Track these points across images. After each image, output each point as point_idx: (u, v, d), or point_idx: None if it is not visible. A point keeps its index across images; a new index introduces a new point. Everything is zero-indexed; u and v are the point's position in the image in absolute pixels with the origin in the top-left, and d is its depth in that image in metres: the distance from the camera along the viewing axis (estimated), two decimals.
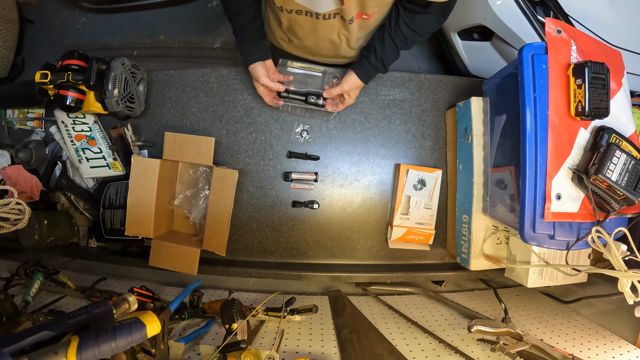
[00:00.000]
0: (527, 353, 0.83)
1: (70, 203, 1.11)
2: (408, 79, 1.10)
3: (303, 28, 0.88)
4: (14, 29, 1.82)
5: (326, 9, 0.77)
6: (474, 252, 0.99)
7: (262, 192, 1.10)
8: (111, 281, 1.24)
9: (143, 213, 0.98)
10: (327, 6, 0.76)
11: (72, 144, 1.04)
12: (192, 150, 1.00)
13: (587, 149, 0.77)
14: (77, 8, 2.00)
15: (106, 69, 0.94)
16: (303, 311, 1.00)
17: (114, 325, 0.57)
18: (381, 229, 1.12)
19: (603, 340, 0.92)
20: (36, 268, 1.14)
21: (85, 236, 1.12)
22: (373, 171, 1.11)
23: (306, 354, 0.87)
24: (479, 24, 1.30)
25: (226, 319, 0.85)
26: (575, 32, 0.79)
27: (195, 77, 1.09)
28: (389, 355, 0.85)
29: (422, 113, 1.11)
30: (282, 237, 1.11)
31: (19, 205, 0.85)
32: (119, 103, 0.96)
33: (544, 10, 1.18)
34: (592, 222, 0.79)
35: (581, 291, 1.09)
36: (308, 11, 0.79)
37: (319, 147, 1.10)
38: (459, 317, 1.05)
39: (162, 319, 0.66)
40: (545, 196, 0.75)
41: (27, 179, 1.04)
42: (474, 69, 1.51)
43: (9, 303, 0.94)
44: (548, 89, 0.75)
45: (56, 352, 0.50)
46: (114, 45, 1.99)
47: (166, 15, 1.98)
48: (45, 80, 0.88)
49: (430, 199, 1.07)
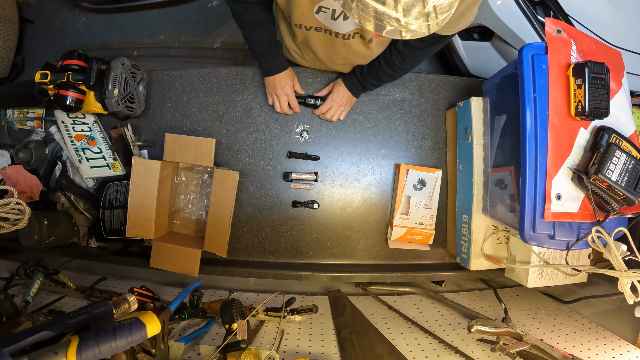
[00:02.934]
0: (527, 353, 0.83)
1: (70, 203, 1.11)
2: (408, 79, 1.10)
3: (319, 44, 0.87)
4: (14, 29, 1.82)
5: (347, 29, 0.77)
6: (474, 252, 0.99)
7: (262, 192, 1.10)
8: (111, 281, 1.24)
9: (144, 214, 0.98)
10: (348, 27, 0.76)
11: (72, 144, 1.04)
12: (193, 151, 0.99)
13: (587, 149, 0.77)
14: (77, 8, 2.00)
15: (106, 69, 0.94)
16: (303, 311, 1.00)
17: (114, 325, 0.57)
18: (381, 229, 1.12)
19: (603, 340, 0.91)
20: (36, 268, 1.14)
21: (85, 236, 1.12)
22: (373, 171, 1.11)
23: (306, 354, 0.87)
24: (479, 24, 1.30)
25: (226, 319, 0.85)
26: (575, 32, 0.79)
27: (195, 77, 1.09)
28: (389, 355, 0.85)
29: (422, 113, 1.11)
30: (282, 237, 1.11)
31: (19, 205, 0.85)
32: (119, 103, 0.96)
33: (544, 10, 1.18)
34: (592, 222, 0.79)
35: (581, 291, 1.09)
36: (327, 29, 0.79)
37: (319, 147, 1.10)
38: (459, 317, 1.05)
39: (162, 319, 0.66)
40: (545, 196, 0.75)
41: (27, 179, 1.04)
42: (474, 69, 1.51)
43: (9, 303, 0.94)
44: (548, 89, 0.75)
45: (56, 352, 0.50)
46: (114, 45, 1.99)
47: (166, 15, 1.98)
48: (45, 80, 0.88)
49: (430, 199, 1.07)
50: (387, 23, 0.46)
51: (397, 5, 0.44)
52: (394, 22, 0.46)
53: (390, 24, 0.46)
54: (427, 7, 0.45)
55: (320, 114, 1.05)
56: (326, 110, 1.03)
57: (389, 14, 0.45)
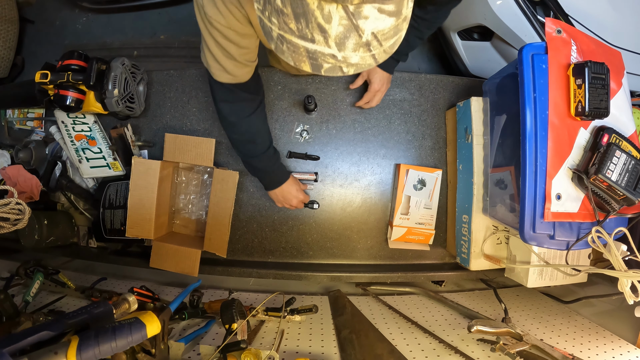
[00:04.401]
0: (527, 353, 0.83)
1: (70, 203, 1.11)
2: (408, 79, 1.10)
3: None
4: (14, 29, 1.81)
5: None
6: (474, 252, 0.99)
7: (262, 192, 1.10)
8: (111, 281, 1.24)
9: (144, 214, 0.98)
10: None
11: (72, 144, 1.04)
12: (193, 151, 0.99)
13: (587, 149, 0.77)
14: (77, 8, 1.99)
15: (106, 69, 0.94)
16: (303, 311, 1.00)
17: (114, 325, 0.57)
18: (381, 229, 1.12)
19: (603, 340, 0.91)
20: (36, 268, 1.14)
21: (85, 236, 1.12)
22: (373, 171, 1.11)
23: (306, 354, 0.87)
24: (479, 24, 1.30)
25: (226, 319, 0.85)
26: (575, 32, 0.79)
27: (195, 77, 1.08)
28: (389, 355, 0.85)
29: (422, 113, 1.11)
30: (282, 237, 1.11)
31: (19, 205, 0.85)
32: (119, 103, 0.96)
33: (544, 10, 1.17)
34: (592, 222, 0.79)
35: (581, 291, 1.09)
36: None
37: (319, 147, 1.10)
38: (459, 317, 1.05)
39: (162, 319, 0.66)
40: (545, 196, 0.75)
41: (27, 179, 1.04)
42: (474, 69, 1.51)
43: (9, 303, 0.94)
44: (548, 89, 0.75)
45: (56, 352, 0.50)
46: (114, 45, 1.99)
47: (166, 15, 1.98)
48: (45, 80, 0.88)
49: (430, 199, 1.07)
50: (323, 61, 0.41)
51: (327, 40, 0.39)
52: (330, 58, 0.41)
53: (326, 62, 0.42)
54: (365, 35, 0.39)
55: (363, 104, 1.03)
56: (369, 100, 1.01)
57: (321, 51, 0.40)
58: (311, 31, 0.39)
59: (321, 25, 0.38)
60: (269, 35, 0.44)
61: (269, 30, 0.43)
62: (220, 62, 0.72)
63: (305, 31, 0.39)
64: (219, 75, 0.75)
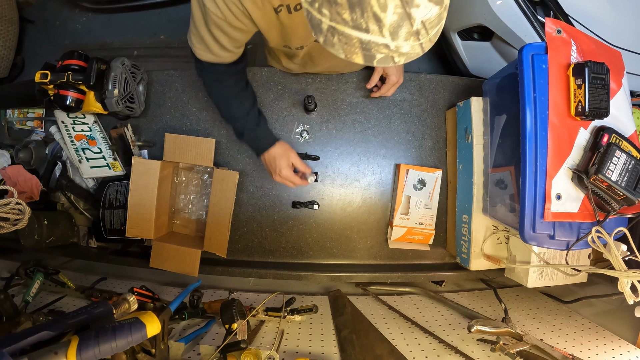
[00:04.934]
0: (527, 353, 0.83)
1: (70, 203, 1.11)
2: (408, 79, 1.10)
3: (321, 53, 0.86)
4: (14, 29, 1.81)
5: None
6: (474, 252, 0.99)
7: (262, 192, 1.10)
8: (111, 281, 1.24)
9: (144, 214, 0.98)
10: None
11: (72, 144, 1.04)
12: (193, 151, 0.99)
13: (587, 149, 0.77)
14: (77, 8, 1.99)
15: (106, 69, 0.94)
16: (303, 311, 1.00)
17: (114, 325, 0.57)
18: (381, 229, 1.12)
19: (603, 340, 0.91)
20: (36, 268, 1.14)
21: (85, 236, 1.12)
22: (373, 171, 1.11)
23: (306, 354, 0.87)
24: (479, 24, 1.30)
25: (226, 319, 0.85)
26: (575, 32, 0.79)
27: (195, 77, 1.08)
28: (389, 355, 0.85)
29: (422, 113, 1.11)
30: (282, 237, 1.11)
31: (19, 205, 0.85)
32: (119, 103, 0.96)
33: (544, 10, 1.17)
34: (592, 222, 0.79)
35: (581, 291, 1.09)
36: None
37: (319, 147, 1.10)
38: (459, 317, 1.05)
39: (162, 319, 0.66)
40: (545, 196, 0.75)
41: (27, 179, 1.04)
42: (474, 69, 1.51)
43: (9, 303, 0.94)
44: (548, 89, 0.75)
45: (56, 352, 0.50)
46: (114, 45, 1.99)
47: (166, 15, 1.97)
48: (45, 80, 0.88)
49: (430, 199, 1.07)
50: (376, 51, 0.42)
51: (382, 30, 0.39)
52: (383, 48, 0.41)
53: (379, 52, 0.42)
54: (415, 24, 0.40)
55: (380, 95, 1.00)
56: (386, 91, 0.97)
57: (375, 41, 0.41)
58: (366, 21, 0.39)
59: (376, 15, 0.39)
60: (317, 28, 0.43)
61: (318, 22, 0.43)
62: (207, 44, 0.73)
63: (360, 21, 0.40)
64: (202, 55, 0.76)
